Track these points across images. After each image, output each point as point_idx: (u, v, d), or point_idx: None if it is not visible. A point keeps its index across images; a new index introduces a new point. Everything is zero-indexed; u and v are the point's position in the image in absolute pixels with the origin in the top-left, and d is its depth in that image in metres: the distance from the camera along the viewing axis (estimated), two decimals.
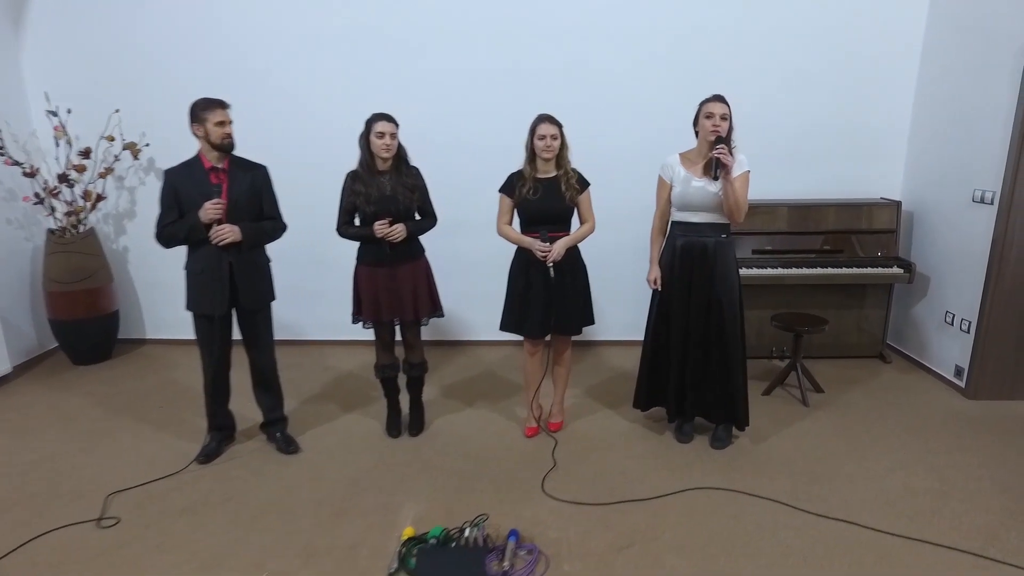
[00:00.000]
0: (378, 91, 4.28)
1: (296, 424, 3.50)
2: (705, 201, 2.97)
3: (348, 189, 3.08)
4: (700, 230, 3.03)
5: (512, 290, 3.21)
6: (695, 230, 3.04)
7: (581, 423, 3.56)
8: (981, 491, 2.85)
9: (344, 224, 3.13)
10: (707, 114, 2.90)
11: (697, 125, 3.00)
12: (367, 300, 3.17)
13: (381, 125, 2.97)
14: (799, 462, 3.11)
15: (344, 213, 3.11)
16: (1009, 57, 3.45)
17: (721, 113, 2.88)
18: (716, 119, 2.87)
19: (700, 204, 2.99)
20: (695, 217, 3.03)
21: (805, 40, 4.22)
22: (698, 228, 3.03)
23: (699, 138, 3.01)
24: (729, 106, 2.91)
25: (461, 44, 4.27)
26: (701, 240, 3.03)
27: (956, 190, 3.88)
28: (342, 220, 3.13)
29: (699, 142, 3.02)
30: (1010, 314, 3.60)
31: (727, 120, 2.90)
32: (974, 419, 3.53)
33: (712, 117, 2.88)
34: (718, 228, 3.03)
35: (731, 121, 2.93)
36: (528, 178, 3.07)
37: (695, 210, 3.01)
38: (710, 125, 2.89)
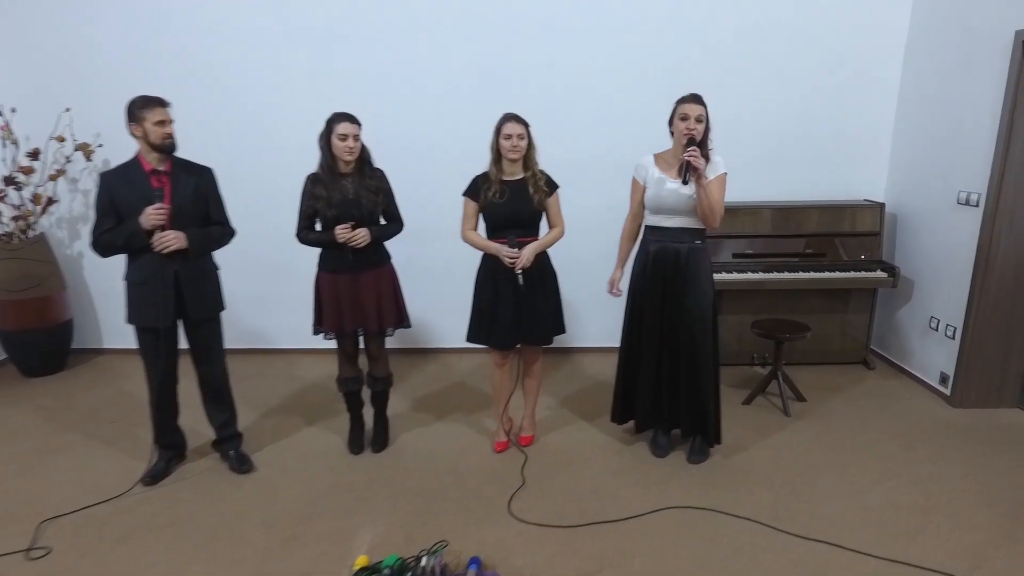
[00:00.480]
0: (340, 90, 4.11)
1: (253, 439, 3.32)
2: (679, 204, 2.83)
3: (308, 192, 2.91)
4: (673, 235, 2.89)
5: (479, 299, 3.05)
6: (668, 235, 2.89)
7: (554, 436, 3.40)
8: (967, 506, 2.72)
9: (304, 229, 2.96)
10: (682, 115, 2.75)
11: (672, 125, 2.85)
12: (328, 309, 3.00)
13: (343, 126, 2.80)
14: (780, 476, 2.97)
15: (304, 218, 2.95)
16: (994, 56, 3.33)
17: (696, 115, 2.73)
18: (691, 121, 2.73)
19: (673, 207, 2.84)
20: (668, 221, 2.88)
21: (787, 39, 4.09)
22: (671, 233, 2.89)
23: (674, 139, 2.87)
24: (706, 106, 2.77)
25: (427, 42, 4.10)
26: (674, 246, 2.89)
27: (940, 192, 3.77)
28: (302, 225, 2.96)
29: (674, 143, 2.88)
30: (996, 320, 3.48)
31: (703, 122, 2.75)
32: (959, 428, 3.41)
33: (687, 119, 2.73)
34: (692, 233, 2.89)
35: (708, 122, 2.79)
36: (494, 180, 2.92)
37: (668, 214, 2.87)
38: (684, 127, 2.74)
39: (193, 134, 4.15)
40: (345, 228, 2.82)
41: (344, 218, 2.84)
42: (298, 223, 2.96)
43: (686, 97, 2.79)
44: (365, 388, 3.25)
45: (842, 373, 4.19)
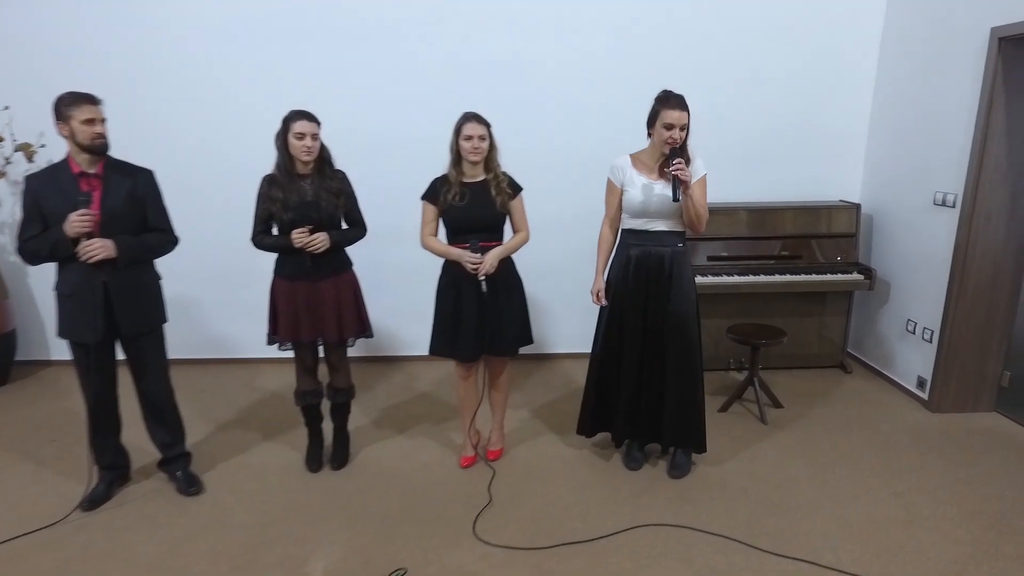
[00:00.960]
0: (298, 85, 3.91)
1: (206, 456, 3.13)
2: (663, 208, 2.69)
3: (263, 195, 2.73)
4: (656, 238, 2.75)
5: (441, 308, 2.89)
6: (651, 239, 2.75)
7: (523, 449, 3.25)
8: (948, 519, 2.63)
9: (259, 234, 2.79)
10: (666, 124, 2.59)
11: (652, 127, 2.70)
12: (285, 318, 2.82)
13: (301, 125, 2.63)
14: (757, 489, 2.85)
15: (259, 221, 2.77)
16: (969, 54, 3.26)
17: (681, 124, 2.58)
18: (676, 131, 2.57)
19: (654, 211, 2.71)
20: (651, 225, 2.74)
21: (760, 37, 3.99)
22: (654, 236, 2.75)
23: (652, 141, 2.73)
24: (689, 111, 2.61)
25: (389, 35, 3.93)
26: (658, 250, 2.75)
27: (916, 192, 3.70)
28: (257, 229, 2.78)
29: (652, 145, 2.74)
30: (973, 323, 3.42)
31: (685, 130, 2.61)
32: (937, 435, 3.33)
33: (671, 129, 2.57)
34: (675, 236, 2.76)
35: (688, 127, 2.64)
36: (454, 183, 2.76)
37: (650, 217, 2.73)
38: (668, 136, 2.59)
39: (147, 134, 4.02)
40: (302, 232, 2.65)
41: (301, 222, 2.67)
42: (253, 227, 2.78)
43: (671, 101, 2.59)
44: (325, 401, 3.07)
45: (819, 377, 4.11)
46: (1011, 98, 3.10)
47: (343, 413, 3.14)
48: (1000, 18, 3.04)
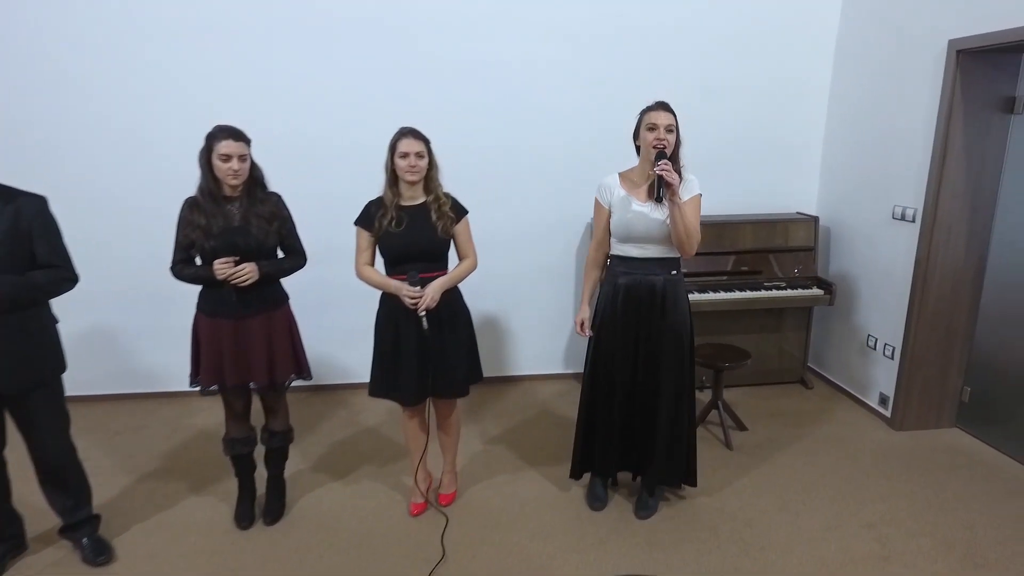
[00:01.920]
0: (227, 90, 3.58)
1: (118, 515, 2.77)
2: (650, 231, 2.48)
3: (184, 220, 2.41)
4: (646, 267, 2.53)
5: (379, 346, 2.62)
6: (640, 267, 2.54)
7: (479, 490, 3.00)
8: (923, 552, 2.52)
9: (180, 263, 2.46)
10: (649, 125, 2.41)
11: (638, 139, 2.50)
12: (207, 359, 2.50)
13: (226, 145, 2.32)
14: (727, 527, 2.69)
15: (180, 249, 2.44)
16: (926, 66, 3.19)
17: (666, 124, 2.39)
18: (660, 131, 2.38)
19: (644, 234, 2.49)
20: (639, 251, 2.52)
21: (715, 47, 3.85)
22: (643, 264, 2.53)
23: (641, 154, 2.53)
24: (675, 115, 2.43)
25: (325, 40, 3.61)
26: (648, 279, 2.53)
27: (875, 206, 3.63)
28: (177, 258, 2.46)
29: (641, 159, 2.54)
30: (934, 339, 3.36)
31: (673, 132, 2.42)
32: (903, 455, 3.25)
33: (655, 129, 2.39)
34: (667, 264, 2.54)
35: (679, 133, 2.46)
36: (389, 206, 2.48)
37: (639, 242, 2.51)
38: (652, 139, 2.39)
39: (57, 144, 3.59)
40: (226, 263, 2.34)
41: (226, 250, 2.36)
42: (173, 255, 2.46)
43: (652, 105, 2.45)
44: (260, 444, 2.76)
45: (781, 394, 4.01)
46: (969, 112, 3.04)
47: (279, 459, 2.83)
48: (958, 30, 2.98)
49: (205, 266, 2.40)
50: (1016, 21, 2.73)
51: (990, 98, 3.04)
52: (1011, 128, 3.08)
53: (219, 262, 2.34)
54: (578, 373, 4.33)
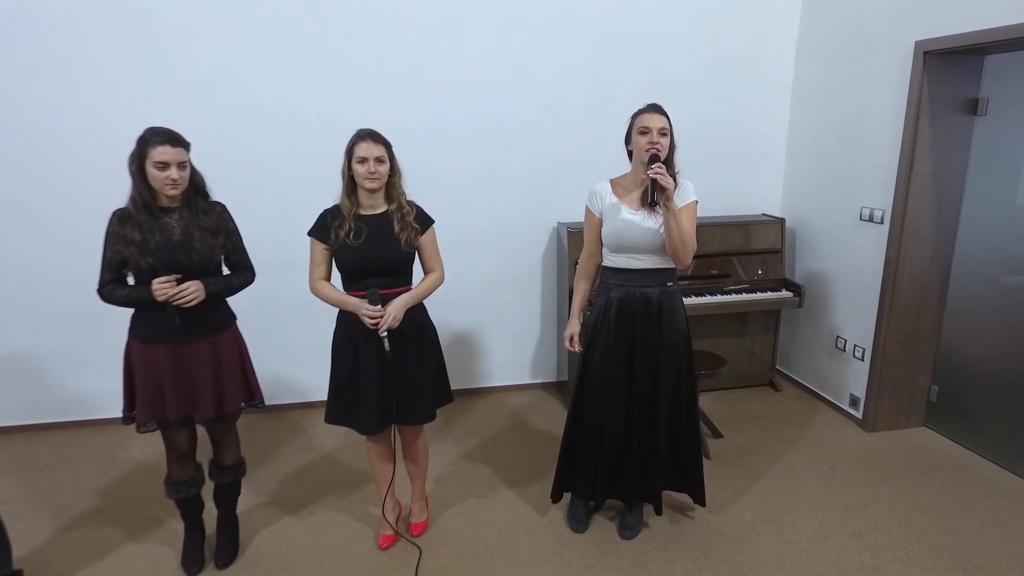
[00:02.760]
0: (162, 88, 3.26)
1: (46, 569, 2.43)
2: (645, 241, 2.33)
3: (113, 234, 2.12)
4: (640, 278, 2.38)
5: (337, 369, 2.38)
6: (634, 278, 2.39)
7: (452, 516, 2.80)
8: (913, 561, 2.48)
9: (109, 283, 2.16)
10: (641, 129, 2.27)
11: (630, 143, 2.36)
12: (145, 391, 2.21)
13: (162, 152, 2.04)
14: (716, 546, 2.58)
15: (109, 268, 2.15)
16: (892, 67, 3.19)
17: (659, 127, 2.26)
18: (653, 134, 2.25)
19: (638, 244, 2.34)
20: (633, 262, 2.37)
21: (679, 45, 3.77)
22: (638, 276, 2.38)
23: (633, 160, 2.38)
24: (669, 119, 2.30)
25: (278, 31, 3.34)
26: (643, 291, 2.38)
27: (842, 207, 3.62)
28: (106, 278, 2.16)
29: (633, 165, 2.39)
30: (903, 340, 3.36)
31: (667, 136, 2.29)
32: (878, 458, 3.23)
33: (648, 132, 2.25)
34: (663, 275, 2.40)
35: (672, 137, 2.33)
36: (347, 216, 2.25)
37: (633, 252, 2.36)
38: (645, 142, 2.26)
39: None
40: (167, 282, 2.07)
41: (166, 268, 2.08)
42: (101, 275, 2.16)
43: (644, 108, 2.32)
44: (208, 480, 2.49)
45: (751, 398, 3.97)
46: (935, 113, 3.04)
47: (231, 496, 2.56)
48: (925, 32, 2.97)
49: (142, 286, 2.11)
50: (981, 23, 2.73)
51: (954, 100, 3.05)
52: (974, 129, 3.10)
53: (159, 281, 2.06)
54: (547, 383, 4.18)
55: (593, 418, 2.52)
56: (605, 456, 2.54)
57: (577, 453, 2.60)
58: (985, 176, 3.10)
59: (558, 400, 3.99)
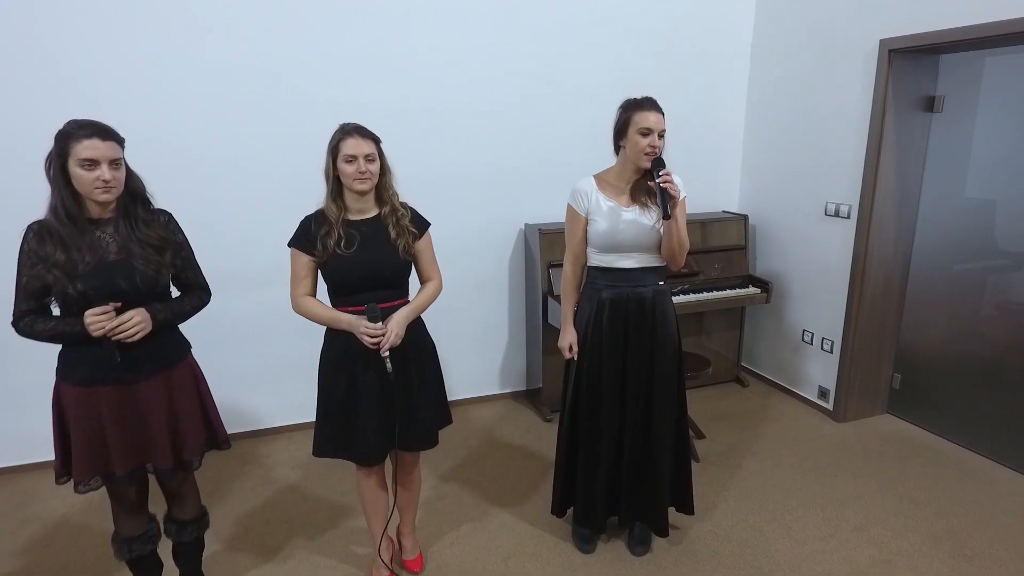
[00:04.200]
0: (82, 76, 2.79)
1: None
2: (639, 239, 2.20)
3: (31, 255, 1.71)
4: (634, 277, 2.25)
5: (328, 396, 2.09)
6: (627, 278, 2.25)
7: (446, 546, 2.56)
8: (917, 551, 2.50)
9: (29, 315, 1.75)
10: (642, 130, 2.11)
11: (622, 138, 2.19)
12: (83, 444, 1.81)
13: (90, 146, 1.66)
14: (727, 552, 2.50)
15: (28, 297, 1.74)
16: (856, 66, 3.25)
17: (660, 129, 2.12)
18: (654, 137, 2.11)
19: (633, 243, 2.21)
20: (625, 260, 2.24)
21: (638, 41, 3.69)
22: (631, 275, 2.25)
23: (623, 156, 2.23)
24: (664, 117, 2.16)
25: (217, 21, 2.96)
26: (636, 291, 2.25)
27: (805, 203, 3.67)
28: (24, 308, 1.75)
29: (622, 161, 2.24)
30: (870, 332, 3.46)
31: (663, 137, 2.15)
32: (857, 448, 3.29)
33: (649, 135, 2.11)
34: (655, 273, 2.28)
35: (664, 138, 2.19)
36: (336, 223, 1.98)
37: (625, 251, 2.23)
38: (646, 144, 2.11)
39: None
40: (103, 313, 1.70)
41: (101, 295, 1.71)
42: (16, 305, 1.76)
43: (642, 103, 2.14)
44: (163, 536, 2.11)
45: (720, 395, 3.97)
46: (899, 109, 3.13)
47: (194, 553, 2.20)
48: (889, 30, 3.05)
49: (71, 318, 1.73)
50: (943, 23, 2.83)
51: (914, 97, 3.16)
52: (931, 126, 3.22)
53: (93, 313, 1.68)
54: (516, 392, 4.00)
55: (591, 428, 2.36)
56: (604, 475, 2.39)
57: (578, 473, 2.44)
58: (940, 171, 3.23)
59: (530, 409, 3.82)
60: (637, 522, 2.51)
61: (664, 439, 2.36)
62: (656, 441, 2.35)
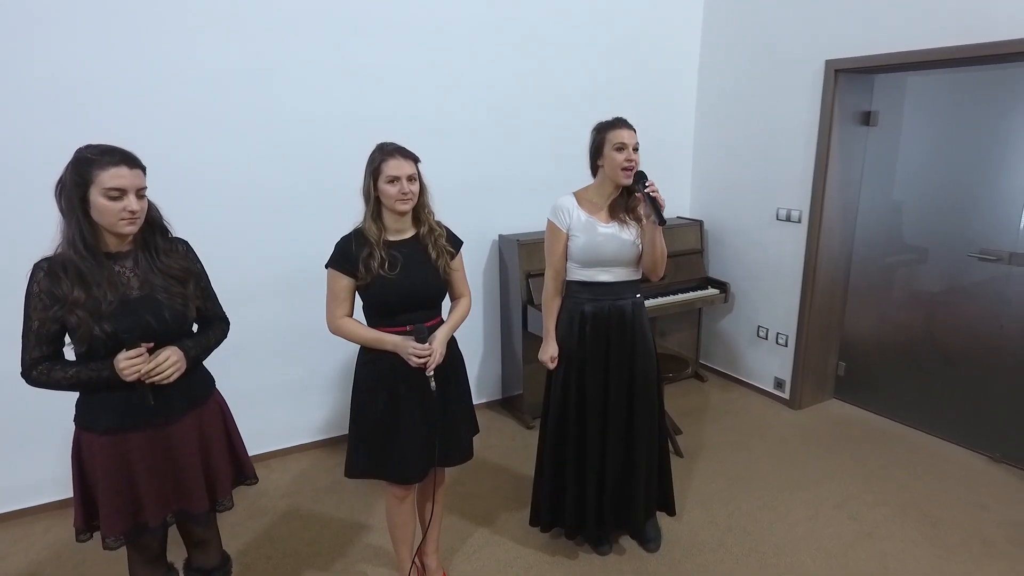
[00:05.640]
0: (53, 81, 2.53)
1: None
2: (620, 253, 2.30)
3: (44, 296, 1.56)
4: (614, 291, 2.35)
5: (365, 417, 2.06)
6: (608, 291, 2.34)
7: (464, 562, 2.56)
8: (892, 521, 2.78)
9: (43, 361, 1.59)
10: (617, 144, 2.21)
11: (600, 158, 2.29)
12: (113, 496, 1.67)
13: (115, 175, 1.54)
14: (732, 539, 2.67)
15: (41, 342, 1.58)
16: (804, 83, 3.55)
17: (634, 144, 2.24)
18: (629, 151, 2.22)
19: (614, 258, 2.30)
20: (606, 275, 2.33)
21: (601, 53, 3.84)
22: (612, 289, 2.34)
23: (602, 175, 2.32)
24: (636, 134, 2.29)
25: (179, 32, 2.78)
26: (617, 304, 2.35)
27: (757, 209, 3.96)
28: (38, 355, 1.59)
29: (601, 180, 2.34)
30: (820, 325, 3.79)
31: (637, 151, 2.26)
32: (816, 432, 3.59)
33: (624, 149, 2.22)
34: (633, 286, 2.39)
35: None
36: (377, 244, 1.96)
37: (606, 265, 2.32)
38: (622, 159, 2.21)
39: None
40: (137, 355, 1.57)
41: (133, 336, 1.58)
42: (27, 353, 1.59)
43: (614, 122, 2.27)
44: None
45: (682, 391, 4.19)
46: (843, 123, 3.46)
47: None
48: (833, 51, 3.37)
49: (95, 362, 1.59)
50: (877, 48, 3.17)
51: (854, 113, 3.50)
52: (868, 138, 3.58)
53: (127, 357, 1.56)
54: (492, 401, 4.02)
55: (574, 442, 2.43)
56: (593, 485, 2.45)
57: (560, 483, 2.49)
58: (874, 177, 3.60)
59: (509, 417, 3.86)
60: (646, 522, 2.61)
61: (645, 446, 2.45)
62: (637, 449, 2.44)
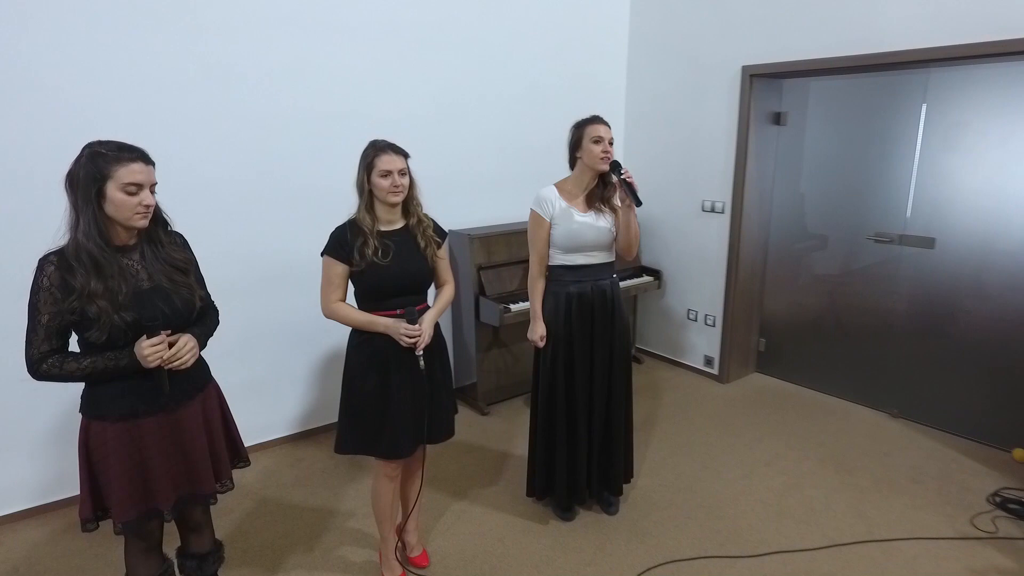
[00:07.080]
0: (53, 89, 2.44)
1: None
2: (598, 239, 2.54)
3: (55, 290, 1.58)
4: (596, 272, 2.59)
5: (357, 396, 2.18)
6: (590, 273, 2.58)
7: (439, 538, 2.69)
8: (815, 473, 3.16)
9: (53, 354, 1.62)
10: (595, 138, 2.46)
11: (579, 151, 2.52)
12: (125, 483, 1.71)
13: (134, 171, 1.61)
14: (684, 501, 2.94)
15: (50, 335, 1.61)
16: (723, 87, 3.92)
17: (610, 137, 2.49)
18: (606, 143, 2.47)
19: (592, 243, 2.54)
20: (588, 258, 2.56)
21: (535, 57, 4.06)
22: (592, 271, 2.58)
23: (580, 166, 2.56)
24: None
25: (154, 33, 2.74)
26: (599, 284, 2.60)
27: (683, 202, 4.31)
28: (47, 348, 1.61)
29: (579, 171, 2.57)
30: (743, 306, 4.18)
31: (612, 144, 2.51)
32: (745, 402, 3.98)
33: (601, 142, 2.46)
34: (611, 268, 2.66)
35: None
36: (371, 233, 2.11)
37: (587, 250, 2.55)
38: (600, 151, 2.45)
39: None
40: (160, 343, 1.64)
41: (149, 323, 1.64)
42: (32, 346, 1.61)
43: (591, 119, 2.52)
44: None
45: None
46: (758, 123, 3.86)
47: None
48: (747, 58, 3.75)
49: (111, 352, 1.63)
50: (786, 56, 3.58)
51: (766, 113, 3.91)
52: (779, 136, 4.00)
53: (151, 344, 1.62)
54: None
55: (563, 415, 2.65)
56: (583, 455, 2.70)
57: (552, 453, 2.71)
58: (784, 171, 4.03)
59: (463, 406, 3.98)
60: (609, 490, 2.86)
61: (622, 415, 2.73)
62: (615, 418, 2.72)
